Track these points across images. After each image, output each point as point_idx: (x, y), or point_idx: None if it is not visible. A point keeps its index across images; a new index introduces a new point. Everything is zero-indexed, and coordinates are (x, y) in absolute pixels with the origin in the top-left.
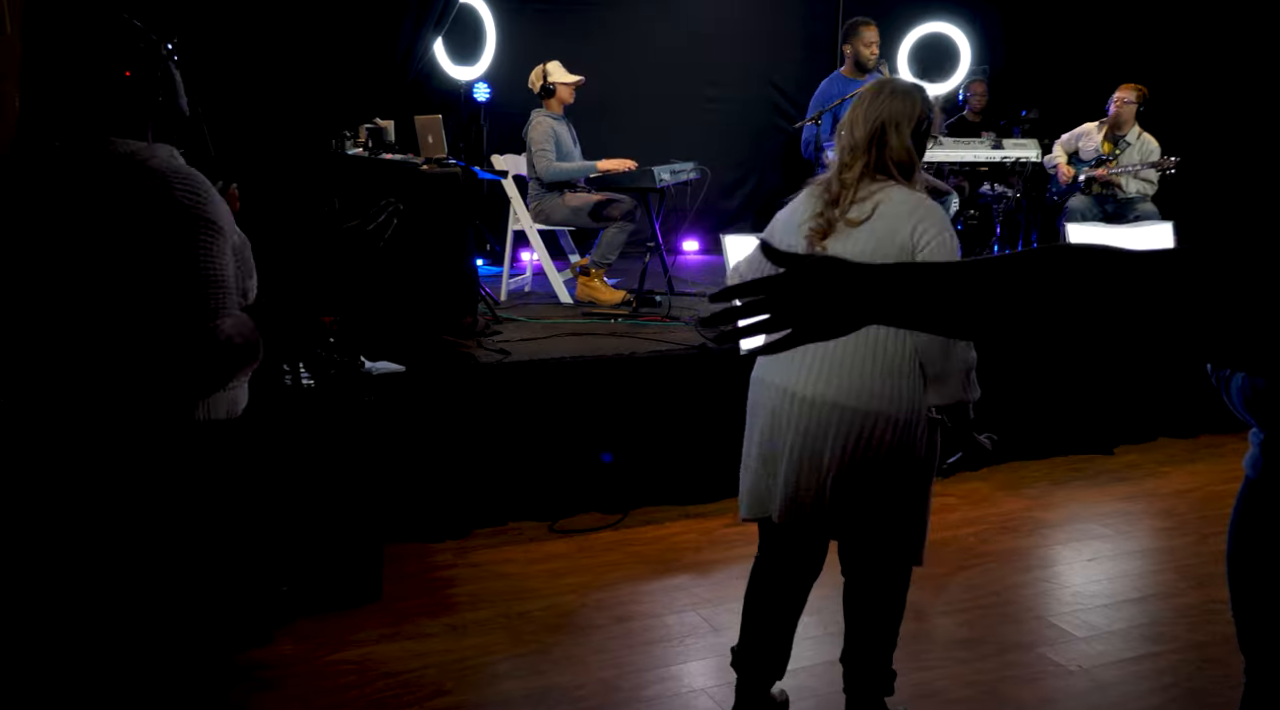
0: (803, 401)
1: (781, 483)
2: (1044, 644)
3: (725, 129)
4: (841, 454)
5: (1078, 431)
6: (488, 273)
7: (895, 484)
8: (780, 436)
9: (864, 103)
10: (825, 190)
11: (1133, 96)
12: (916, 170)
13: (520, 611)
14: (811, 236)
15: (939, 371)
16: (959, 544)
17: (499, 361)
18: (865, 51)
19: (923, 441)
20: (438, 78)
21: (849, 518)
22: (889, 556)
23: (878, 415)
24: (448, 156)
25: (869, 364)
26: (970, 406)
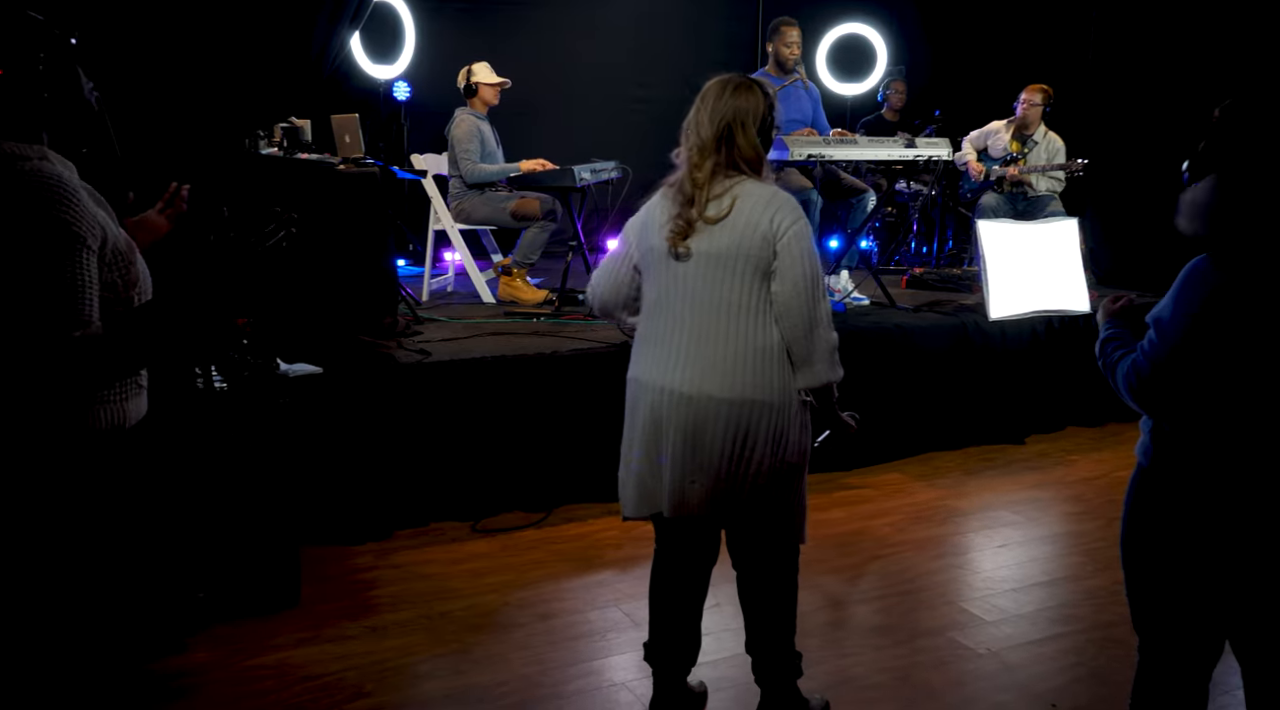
0: (681, 398)
1: (668, 479)
2: (955, 629)
3: (651, 129)
4: (723, 445)
5: (990, 422)
6: (409, 273)
7: (775, 469)
8: (662, 433)
9: (708, 102)
10: (679, 191)
11: (1038, 98)
12: (764, 165)
13: (442, 612)
14: (672, 238)
15: (805, 355)
16: (874, 534)
17: (419, 362)
18: (785, 51)
19: (796, 423)
20: (356, 76)
21: (735, 506)
22: (775, 540)
23: (754, 404)
24: (365, 156)
25: (741, 356)
26: (834, 386)
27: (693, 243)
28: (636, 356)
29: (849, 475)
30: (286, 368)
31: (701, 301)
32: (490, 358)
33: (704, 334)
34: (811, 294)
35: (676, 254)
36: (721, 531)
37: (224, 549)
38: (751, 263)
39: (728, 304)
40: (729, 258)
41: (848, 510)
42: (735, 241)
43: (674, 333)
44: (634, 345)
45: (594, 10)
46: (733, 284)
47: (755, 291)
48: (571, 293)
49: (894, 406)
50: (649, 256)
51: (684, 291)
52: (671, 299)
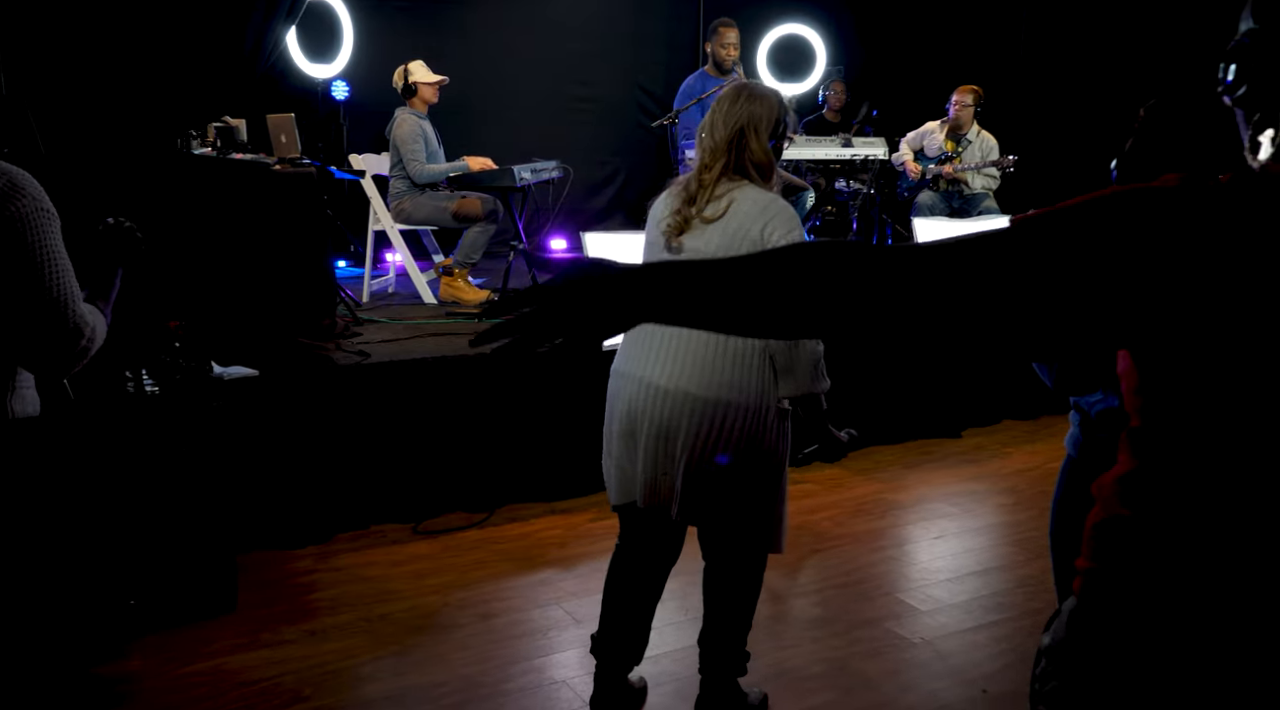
0: (657, 391)
1: (640, 469)
2: (891, 619)
3: (593, 129)
4: (693, 442)
5: (928, 417)
6: (350, 274)
7: (746, 472)
8: (637, 425)
9: (724, 106)
10: (684, 189)
11: (969, 99)
12: (774, 171)
13: (381, 614)
14: (668, 233)
15: (786, 363)
16: (815, 528)
17: (358, 363)
18: (723, 52)
19: (773, 431)
20: (293, 75)
21: (703, 505)
22: (745, 543)
23: (728, 404)
24: (302, 156)
25: (720, 356)
26: (822, 398)
27: (685, 240)
28: (622, 349)
29: (791, 471)
30: (221, 370)
31: None
32: (430, 358)
33: (686, 331)
34: None
35: (670, 247)
36: (687, 531)
37: (158, 555)
38: None
39: None
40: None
41: (790, 505)
42: (725, 243)
43: (658, 328)
44: (622, 339)
45: (534, 9)
46: None
47: None
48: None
49: (833, 402)
50: (648, 250)
51: None
52: None
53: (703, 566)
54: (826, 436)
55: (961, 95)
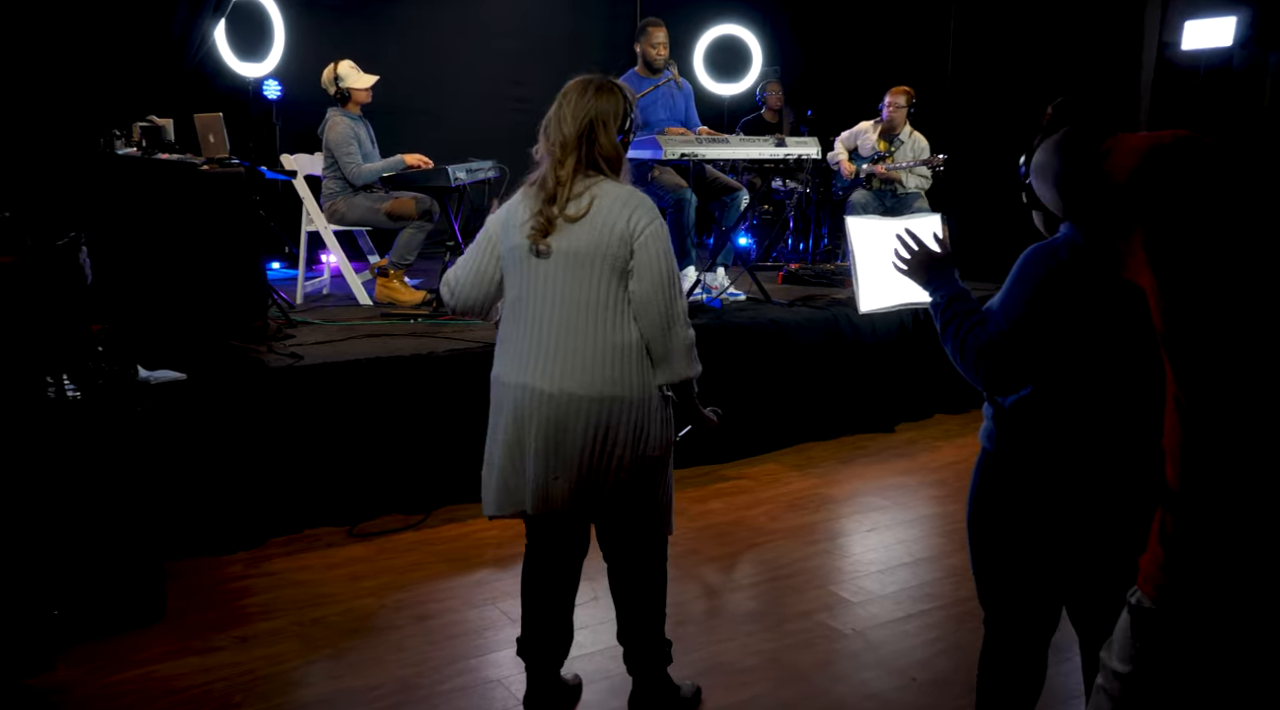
0: (543, 396)
1: (530, 476)
2: (824, 611)
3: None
4: (585, 442)
5: (862, 412)
6: (284, 275)
7: (638, 463)
8: (524, 431)
9: (571, 101)
10: (541, 188)
11: (901, 99)
12: (623, 165)
13: (315, 618)
14: (533, 235)
15: (663, 352)
16: (750, 524)
17: (290, 365)
18: (653, 52)
19: (658, 418)
20: (224, 74)
21: (600, 501)
22: (642, 533)
23: (615, 400)
24: (231, 156)
25: (601, 353)
26: (694, 382)
27: (553, 241)
28: (499, 355)
29: (727, 467)
30: (147, 374)
31: (561, 299)
32: (365, 360)
33: (564, 332)
34: (668, 292)
35: (537, 251)
36: (591, 525)
37: (83, 564)
38: (609, 262)
39: (587, 302)
40: (587, 256)
41: (725, 501)
42: (593, 240)
43: (534, 331)
44: (496, 345)
45: (470, 8)
46: (591, 282)
47: (613, 290)
48: None
49: (770, 399)
50: (511, 255)
51: (544, 290)
52: (532, 297)
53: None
54: (698, 417)
55: (894, 96)
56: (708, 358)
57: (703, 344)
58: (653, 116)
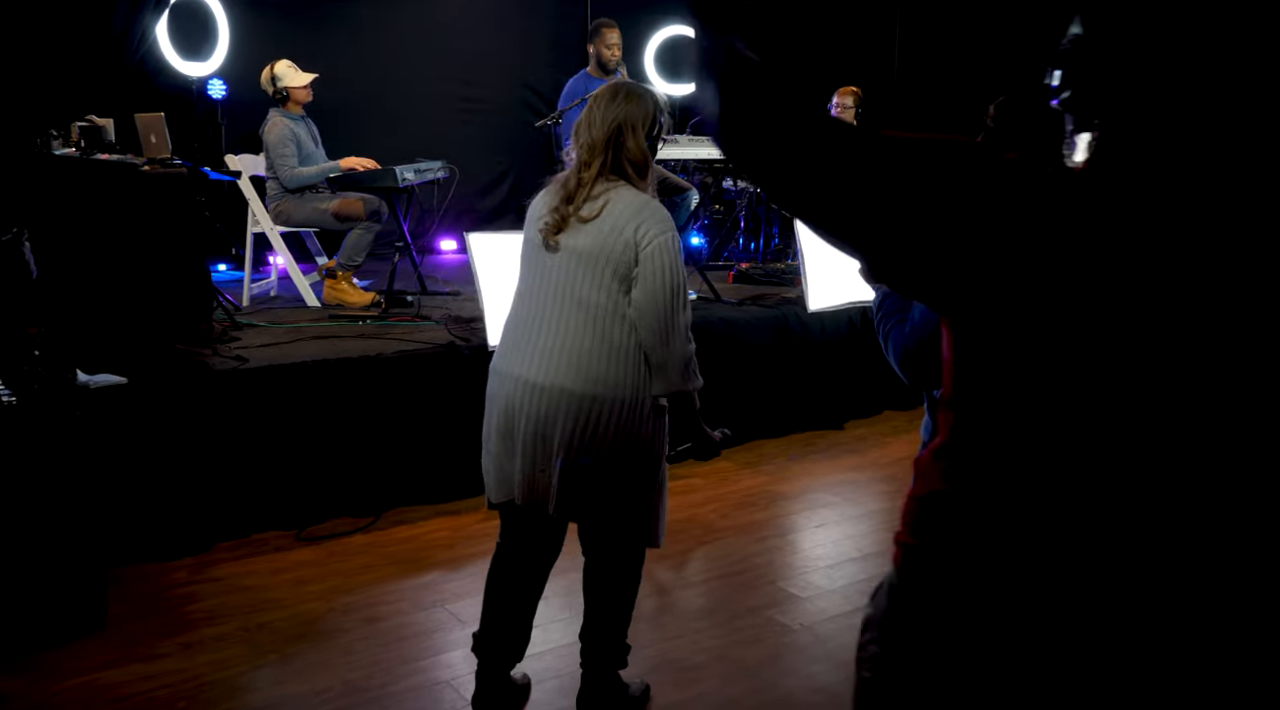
0: (534, 388)
1: (519, 466)
2: (772, 606)
3: (482, 129)
4: (569, 437)
5: (812, 410)
6: (230, 277)
7: (622, 466)
8: (514, 422)
9: (601, 105)
10: (563, 187)
11: (849, 100)
12: (650, 170)
13: (261, 623)
14: (545, 231)
15: (659, 362)
16: (701, 521)
17: (235, 368)
18: (606, 53)
19: (648, 426)
20: (166, 73)
21: (580, 500)
22: (623, 538)
23: (603, 399)
24: (173, 156)
25: (595, 351)
26: (695, 397)
27: (563, 238)
28: (500, 346)
29: (678, 466)
30: (86, 378)
31: (563, 295)
32: (311, 362)
33: (562, 327)
34: (670, 304)
35: (548, 245)
36: (567, 528)
37: (22, 573)
38: (612, 265)
39: (587, 301)
40: (592, 257)
41: (677, 499)
42: (600, 242)
43: (535, 323)
44: (501, 335)
45: (420, 8)
46: (593, 283)
47: (614, 293)
48: (399, 294)
49: (720, 398)
50: (525, 247)
51: (549, 284)
52: (537, 290)
53: (584, 564)
54: (700, 435)
55: (841, 97)
56: None
57: None
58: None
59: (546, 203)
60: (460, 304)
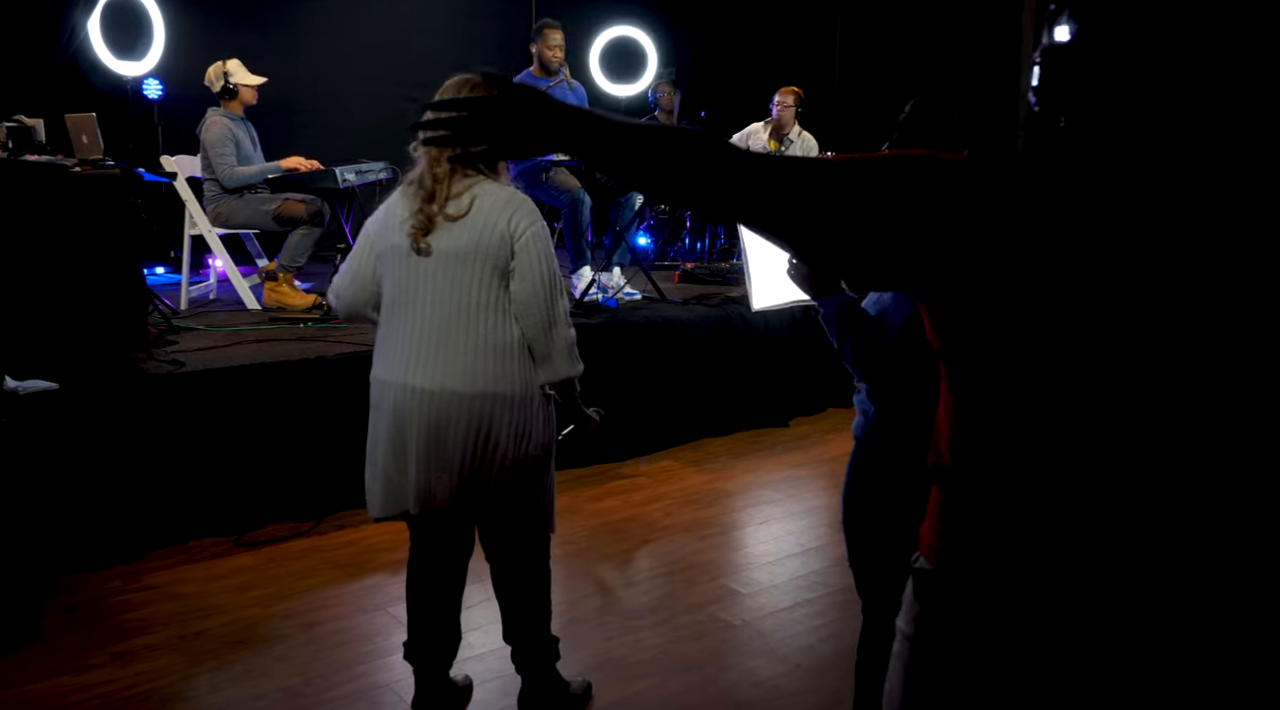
0: (423, 394)
1: (412, 475)
2: (715, 603)
3: None
4: (466, 440)
5: (757, 408)
6: (168, 281)
7: (519, 461)
8: (406, 430)
9: (448, 97)
10: (419, 187)
11: (790, 99)
12: (502, 164)
13: (198, 630)
14: (414, 233)
15: (545, 352)
16: (645, 520)
17: (171, 373)
18: (549, 53)
19: (539, 418)
20: (100, 73)
21: (482, 500)
22: (524, 531)
23: (495, 398)
24: (105, 157)
25: (482, 351)
26: (576, 381)
27: (433, 239)
28: (378, 356)
29: (624, 465)
30: (16, 384)
31: (442, 298)
32: (249, 365)
33: (445, 330)
34: (549, 293)
35: (418, 249)
36: (475, 525)
37: None
38: (490, 261)
39: (468, 301)
40: (468, 255)
41: (621, 498)
42: (474, 240)
43: (414, 330)
44: (375, 345)
45: (362, 8)
46: (472, 281)
47: (494, 289)
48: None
49: (666, 397)
50: (389, 254)
51: (424, 289)
52: (412, 296)
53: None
54: (580, 417)
55: (783, 96)
56: (604, 358)
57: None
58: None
59: (406, 206)
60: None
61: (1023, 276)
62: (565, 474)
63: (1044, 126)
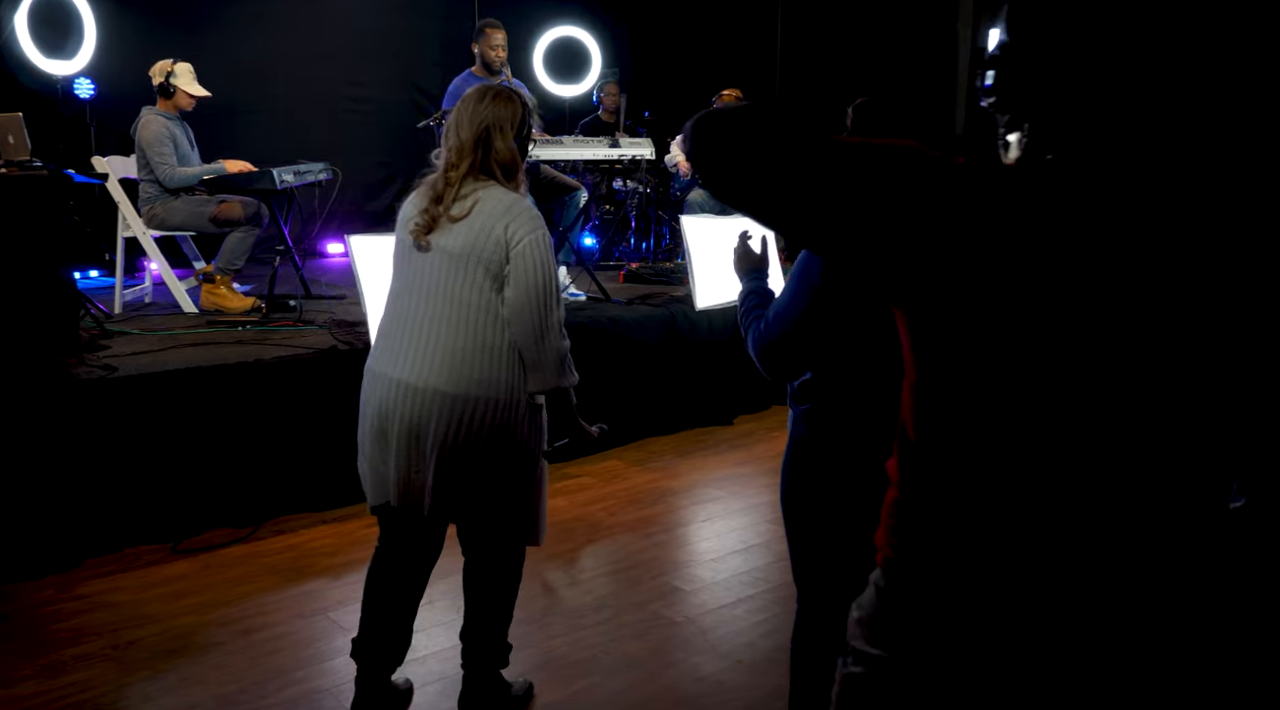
0: (408, 389)
1: (393, 468)
2: (658, 601)
3: (369, 130)
4: (444, 438)
5: (702, 406)
6: (101, 284)
7: (499, 466)
8: (388, 423)
9: (469, 107)
10: (431, 188)
11: (732, 101)
12: (519, 171)
13: (131, 640)
14: (416, 231)
15: (534, 360)
16: (590, 519)
17: (103, 378)
18: (491, 53)
19: (524, 425)
20: (28, 72)
21: (458, 500)
22: (502, 538)
23: (477, 400)
24: (32, 158)
25: (469, 351)
26: (571, 393)
27: (434, 238)
28: (374, 347)
29: (569, 465)
30: None
31: (436, 296)
32: (185, 369)
33: (435, 328)
34: (543, 302)
35: (418, 246)
36: (447, 529)
37: None
38: (483, 265)
39: (460, 301)
40: (463, 256)
41: (567, 498)
42: (470, 241)
43: (408, 325)
44: (375, 337)
45: (301, 6)
46: (465, 282)
47: (486, 292)
48: (281, 298)
49: (611, 397)
50: (397, 249)
51: (421, 285)
52: (410, 292)
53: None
54: (576, 430)
55: (723, 102)
56: None
57: None
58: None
59: (416, 204)
60: (345, 307)
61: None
62: None
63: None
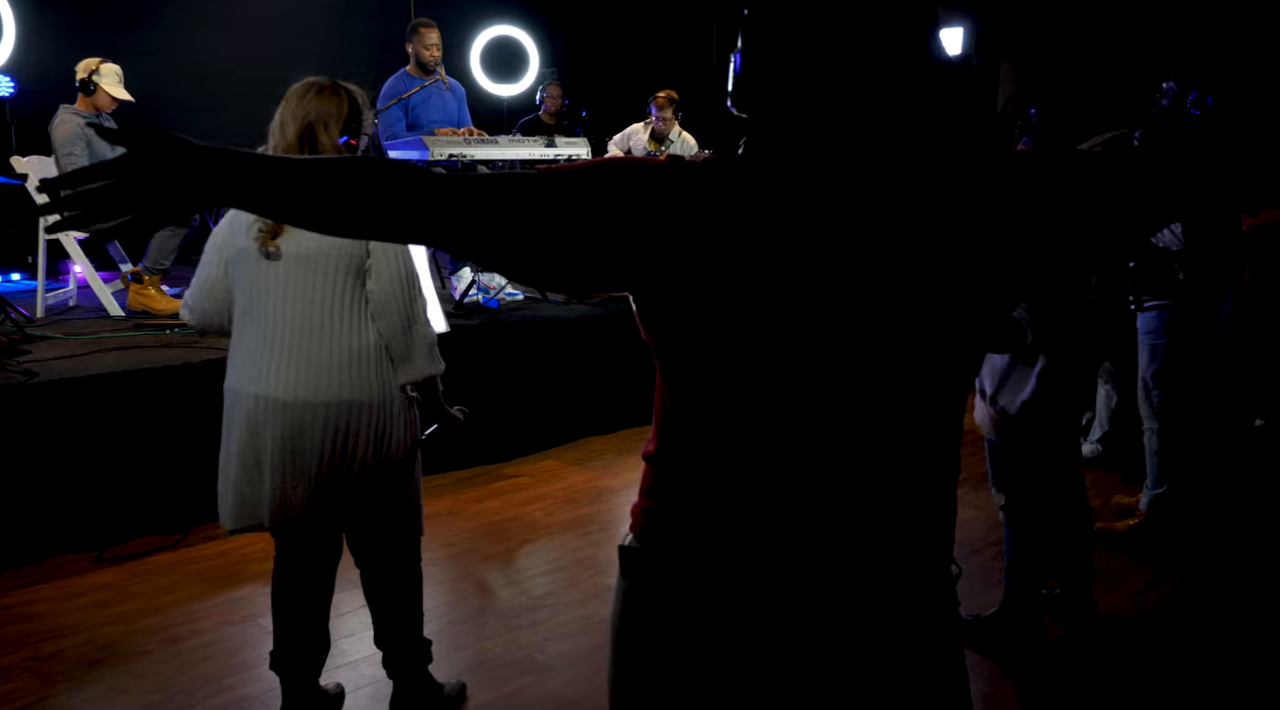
0: (277, 404)
1: (268, 488)
2: (594, 599)
3: None
4: (324, 449)
5: (641, 404)
6: (22, 287)
7: (381, 466)
8: (260, 442)
9: (291, 102)
10: None
11: (669, 111)
12: None
13: (52, 651)
14: (261, 237)
15: (404, 351)
16: (527, 520)
17: (22, 383)
18: (425, 53)
19: (400, 420)
20: None
21: (344, 507)
22: (392, 536)
23: (353, 405)
24: None
25: (337, 357)
26: (438, 380)
27: (282, 243)
28: (230, 365)
29: (507, 466)
30: None
31: (294, 303)
32: (109, 374)
33: (298, 337)
34: (408, 291)
35: (267, 253)
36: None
37: None
38: (344, 262)
39: (321, 305)
40: (320, 257)
41: (503, 499)
42: (326, 241)
43: (267, 337)
44: (229, 354)
45: (232, 6)
46: (325, 284)
47: (349, 291)
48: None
49: (549, 396)
50: (238, 260)
51: (275, 294)
52: (262, 303)
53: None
54: (444, 416)
55: (660, 108)
56: (485, 358)
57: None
58: (424, 117)
59: None
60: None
61: (714, 273)
62: (447, 476)
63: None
